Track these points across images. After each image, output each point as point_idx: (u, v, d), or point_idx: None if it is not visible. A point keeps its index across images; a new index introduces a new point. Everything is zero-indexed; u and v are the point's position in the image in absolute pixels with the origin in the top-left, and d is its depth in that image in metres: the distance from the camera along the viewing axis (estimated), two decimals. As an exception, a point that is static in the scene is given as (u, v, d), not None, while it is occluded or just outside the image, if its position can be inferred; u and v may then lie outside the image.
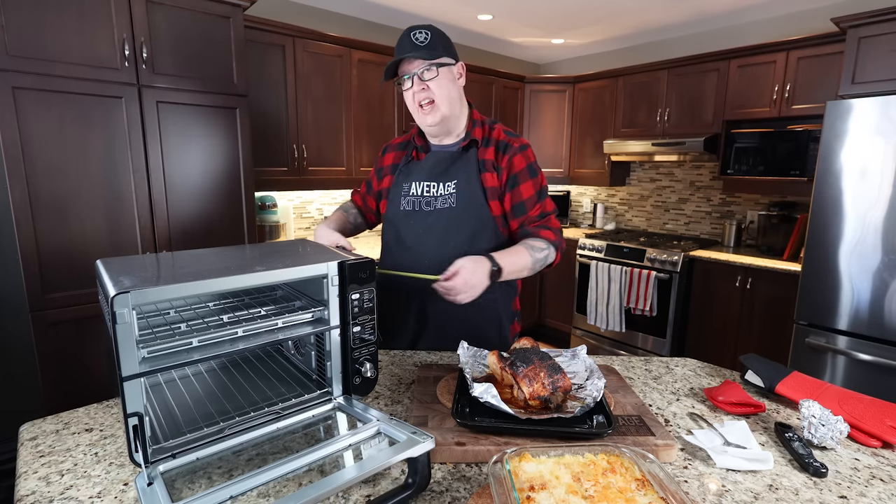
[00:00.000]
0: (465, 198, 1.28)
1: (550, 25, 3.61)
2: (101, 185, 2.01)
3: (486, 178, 1.29)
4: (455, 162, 1.31)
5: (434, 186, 1.31)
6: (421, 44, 1.21)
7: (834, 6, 3.03)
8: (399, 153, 1.43)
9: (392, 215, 1.37)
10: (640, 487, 0.67)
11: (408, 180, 1.34)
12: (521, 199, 1.30)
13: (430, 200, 1.31)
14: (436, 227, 1.30)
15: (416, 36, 1.22)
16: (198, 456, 0.76)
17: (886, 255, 2.18)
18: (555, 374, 0.90)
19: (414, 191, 1.32)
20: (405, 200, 1.34)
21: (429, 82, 1.23)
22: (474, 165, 1.30)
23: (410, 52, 1.20)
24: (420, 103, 1.25)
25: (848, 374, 2.32)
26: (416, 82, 1.23)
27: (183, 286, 0.73)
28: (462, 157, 1.31)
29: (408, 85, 1.25)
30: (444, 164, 1.32)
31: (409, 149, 1.40)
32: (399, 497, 0.72)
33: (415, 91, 1.25)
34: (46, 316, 1.94)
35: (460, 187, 1.29)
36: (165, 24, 2.09)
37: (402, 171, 1.37)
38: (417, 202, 1.32)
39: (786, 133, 2.93)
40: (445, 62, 1.24)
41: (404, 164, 1.38)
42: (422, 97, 1.25)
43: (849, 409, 0.98)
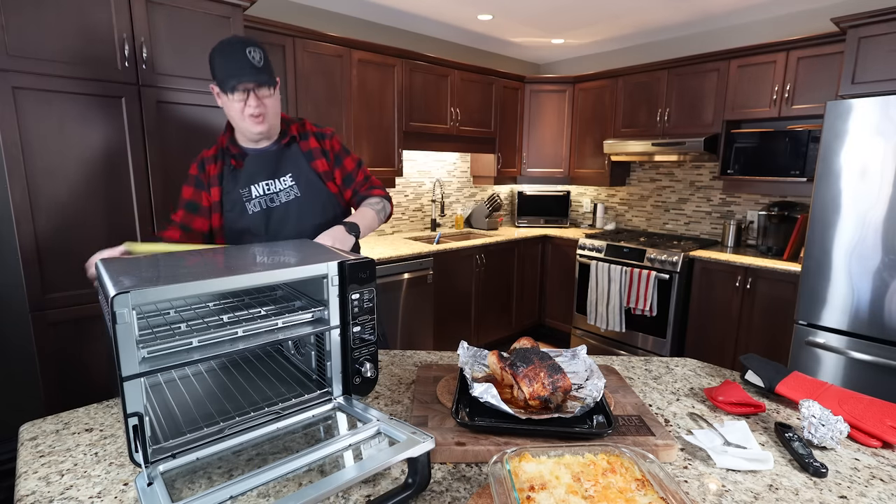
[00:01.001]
0: (306, 185, 1.43)
1: (550, 25, 3.61)
2: (101, 185, 2.01)
3: (316, 165, 1.47)
4: (281, 158, 1.43)
5: (272, 183, 1.41)
6: (258, 64, 1.29)
7: (834, 6, 3.03)
8: (218, 164, 1.43)
9: (238, 222, 1.41)
10: (640, 487, 0.67)
11: (243, 185, 1.40)
12: (347, 171, 1.51)
13: (273, 196, 1.41)
14: (289, 216, 1.41)
15: (252, 55, 1.28)
16: (198, 456, 0.76)
17: (886, 255, 2.18)
18: (555, 374, 0.90)
19: (255, 192, 1.40)
20: (251, 204, 1.40)
21: (266, 98, 1.33)
22: (301, 157, 1.45)
23: (252, 75, 1.27)
24: (252, 115, 1.32)
25: (848, 374, 2.32)
26: (252, 97, 1.31)
27: (183, 286, 0.73)
28: (286, 153, 1.44)
29: (241, 97, 1.30)
30: (271, 163, 1.42)
31: (224, 158, 1.42)
32: (399, 497, 0.72)
33: (249, 104, 1.31)
34: (46, 316, 1.94)
35: (297, 178, 1.43)
36: (165, 24, 2.09)
37: (228, 179, 1.41)
38: (263, 201, 1.41)
39: (786, 133, 2.93)
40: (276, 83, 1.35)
41: (228, 172, 1.41)
42: (256, 111, 1.32)
43: (849, 409, 0.98)
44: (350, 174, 1.51)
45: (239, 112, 1.32)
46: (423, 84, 3.48)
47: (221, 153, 1.43)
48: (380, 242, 3.52)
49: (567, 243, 3.93)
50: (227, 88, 1.29)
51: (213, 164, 1.43)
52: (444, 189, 4.24)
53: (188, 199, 1.43)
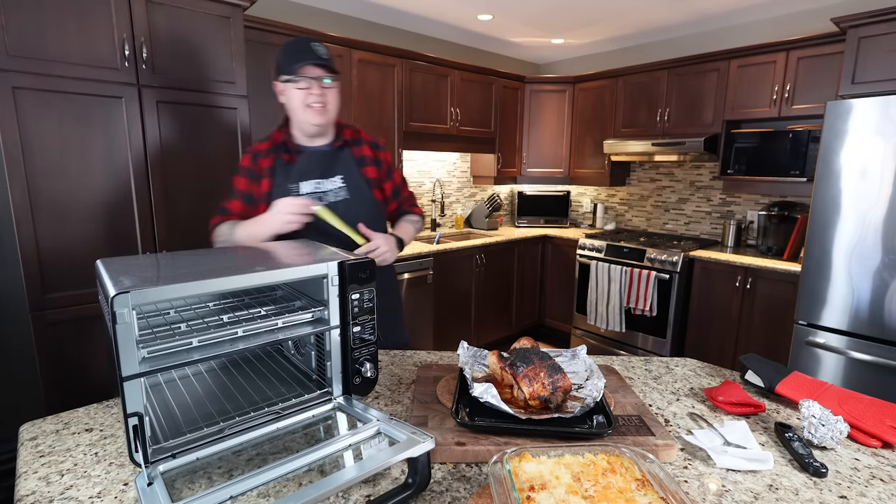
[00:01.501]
0: (355, 188, 1.46)
1: (550, 25, 3.61)
2: (101, 185, 2.01)
3: (367, 171, 1.51)
4: (333, 159, 1.46)
5: (322, 182, 1.44)
6: (324, 55, 1.34)
7: (834, 6, 3.03)
8: (270, 157, 1.45)
9: None
10: (640, 487, 0.67)
11: (292, 181, 1.42)
12: (397, 184, 1.60)
13: (321, 195, 1.43)
14: None
15: (317, 48, 1.34)
16: (198, 456, 0.76)
17: (886, 255, 2.18)
18: (555, 374, 0.90)
19: (304, 189, 1.42)
20: None
21: (327, 90, 1.37)
22: (352, 161, 1.49)
23: (317, 59, 1.32)
24: (312, 104, 1.36)
25: (848, 374, 2.32)
26: (315, 87, 1.35)
27: (183, 286, 0.73)
28: (339, 155, 1.47)
29: (304, 85, 1.34)
30: (323, 162, 1.45)
31: (279, 152, 1.44)
32: (399, 497, 0.72)
33: (312, 93, 1.35)
34: (46, 316, 1.94)
35: (347, 180, 1.46)
36: (165, 24, 2.09)
37: (280, 173, 1.43)
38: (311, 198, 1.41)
39: (786, 133, 2.93)
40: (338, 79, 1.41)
41: (280, 166, 1.43)
42: (317, 100, 1.36)
43: (849, 409, 0.98)
44: (398, 188, 1.60)
45: (301, 101, 1.35)
46: (423, 84, 3.48)
47: (275, 147, 1.45)
48: (380, 242, 3.51)
49: (567, 243, 3.93)
50: (293, 71, 1.32)
51: (265, 157, 1.44)
52: (444, 189, 4.24)
53: (244, 190, 1.45)
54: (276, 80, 1.40)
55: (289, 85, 1.36)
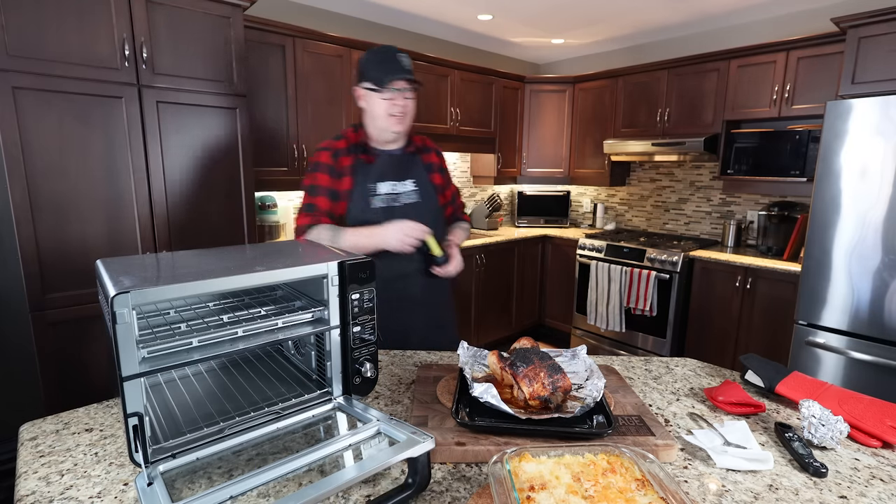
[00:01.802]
0: (425, 193, 1.55)
1: (550, 25, 3.61)
2: (101, 185, 2.01)
3: (434, 178, 1.61)
4: (406, 164, 1.54)
5: (397, 185, 1.51)
6: (407, 67, 1.42)
7: (834, 6, 3.03)
8: (349, 157, 1.50)
9: (363, 213, 1.47)
10: (640, 487, 0.67)
11: (372, 180, 1.48)
12: (454, 191, 1.72)
13: (395, 196, 1.50)
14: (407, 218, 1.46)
15: (402, 60, 1.42)
16: (198, 456, 0.76)
17: (886, 255, 2.18)
18: (555, 374, 0.90)
19: (382, 189, 1.49)
20: (377, 199, 1.48)
21: (408, 100, 1.46)
22: (423, 167, 1.58)
23: (405, 74, 1.41)
24: (395, 113, 1.45)
25: (848, 374, 2.32)
26: (400, 97, 1.44)
27: (183, 286, 0.73)
28: (411, 160, 1.56)
29: (389, 96, 1.43)
30: (398, 166, 1.53)
31: (356, 152, 1.50)
32: (399, 497, 0.72)
33: (396, 102, 1.44)
34: (46, 316, 1.94)
35: (419, 184, 1.54)
36: (165, 24, 2.09)
37: (359, 172, 1.48)
38: (387, 199, 1.49)
39: (786, 133, 2.93)
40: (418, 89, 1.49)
41: (359, 165, 1.49)
42: (400, 110, 1.45)
43: (849, 409, 0.98)
44: (455, 194, 1.72)
45: (384, 110, 1.44)
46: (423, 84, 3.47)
47: (354, 147, 1.50)
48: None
49: (567, 243, 3.93)
50: (384, 85, 1.41)
51: (345, 155, 1.49)
52: (444, 189, 4.23)
53: (329, 186, 1.47)
54: (358, 85, 1.47)
55: (373, 94, 1.43)
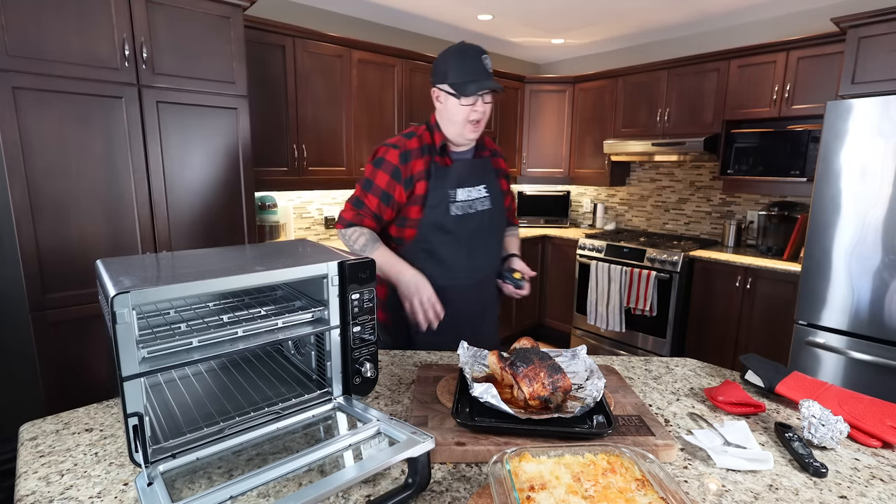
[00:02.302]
0: (495, 199, 1.50)
1: (550, 25, 3.61)
2: (101, 185, 2.01)
3: (501, 183, 1.56)
4: (479, 168, 1.48)
5: (472, 191, 1.45)
6: (489, 70, 1.36)
7: (834, 6, 3.03)
8: (422, 159, 1.41)
9: (440, 221, 1.40)
10: (640, 487, 0.67)
11: (450, 185, 1.41)
12: (511, 195, 1.64)
13: (472, 203, 1.44)
14: (481, 227, 1.46)
15: (486, 62, 1.35)
16: (198, 456, 0.76)
17: (886, 255, 2.18)
18: (555, 374, 0.90)
19: (460, 196, 1.42)
20: (455, 206, 1.41)
21: (487, 106, 1.39)
22: (493, 172, 1.52)
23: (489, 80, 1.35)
24: (474, 120, 1.37)
25: (848, 374, 2.32)
26: (480, 103, 1.36)
27: (183, 286, 0.73)
28: (483, 165, 1.50)
29: (470, 102, 1.35)
30: (472, 171, 1.46)
31: (432, 154, 1.42)
32: (399, 497, 0.72)
33: (475, 109, 1.36)
34: (46, 316, 1.94)
35: (490, 190, 1.49)
36: (165, 24, 2.09)
37: (437, 176, 1.41)
38: (464, 206, 1.43)
39: (786, 133, 2.92)
40: None
41: (436, 169, 1.41)
42: (478, 117, 1.38)
43: (849, 409, 0.98)
44: (511, 198, 1.66)
45: (463, 116, 1.36)
46: (423, 84, 3.47)
47: (427, 149, 1.42)
48: (380, 242, 3.51)
49: (567, 243, 3.93)
50: (467, 92, 1.33)
51: (418, 158, 1.40)
52: (444, 189, 4.24)
53: (384, 188, 1.40)
54: (436, 85, 1.39)
55: (452, 97, 1.36)
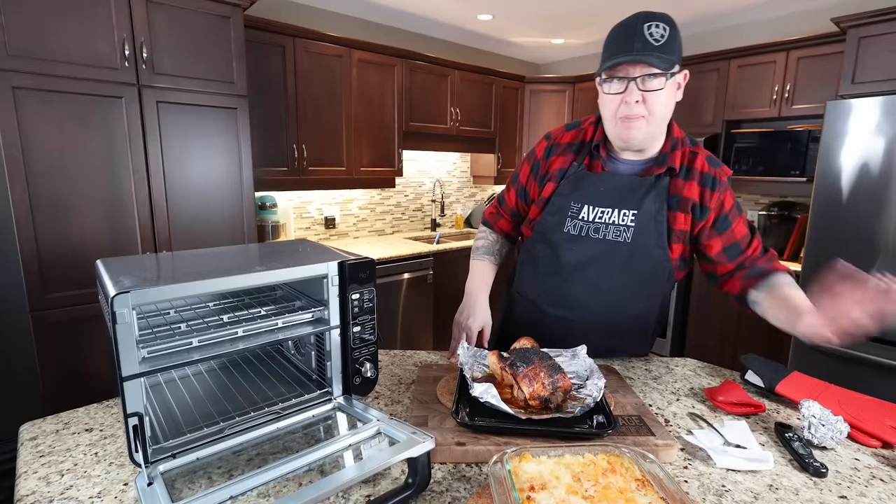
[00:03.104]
0: (645, 234, 1.08)
1: (550, 25, 3.61)
2: (101, 185, 2.01)
3: (676, 218, 1.09)
4: (641, 188, 1.09)
5: (609, 213, 1.10)
6: (657, 42, 0.96)
7: (834, 6, 3.03)
8: (568, 156, 1.16)
9: (550, 233, 1.17)
10: (640, 487, 0.67)
11: (579, 199, 1.12)
12: (734, 240, 1.11)
13: (599, 227, 1.11)
14: (601, 258, 1.13)
15: (651, 31, 0.96)
16: (198, 456, 0.76)
17: (886, 255, 2.18)
18: (555, 374, 0.90)
19: (585, 215, 1.12)
20: (572, 223, 1.13)
21: (648, 94, 0.99)
22: (664, 199, 1.09)
23: (642, 53, 0.95)
24: (625, 115, 1.02)
25: (848, 374, 2.32)
26: (632, 90, 0.99)
27: (183, 286, 0.73)
28: (650, 185, 1.09)
29: (616, 88, 1.01)
30: (626, 188, 1.10)
31: (581, 153, 1.14)
32: (399, 497, 0.72)
33: (626, 100, 1.00)
34: (46, 316, 1.94)
35: (642, 221, 1.09)
36: (165, 24, 2.09)
37: (570, 181, 1.14)
38: (586, 227, 1.12)
39: (786, 133, 2.93)
40: (677, 70, 1.01)
41: (575, 173, 1.14)
42: (632, 111, 1.01)
43: (849, 409, 0.98)
44: (737, 244, 1.10)
45: (610, 110, 1.03)
46: (422, 84, 3.48)
47: (581, 146, 1.15)
48: (380, 242, 3.52)
49: (567, 243, 3.93)
50: (601, 71, 1.01)
51: (563, 154, 1.16)
52: (444, 189, 4.24)
53: (523, 182, 1.23)
54: None
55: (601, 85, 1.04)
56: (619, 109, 1.02)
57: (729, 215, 1.10)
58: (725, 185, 1.10)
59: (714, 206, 1.09)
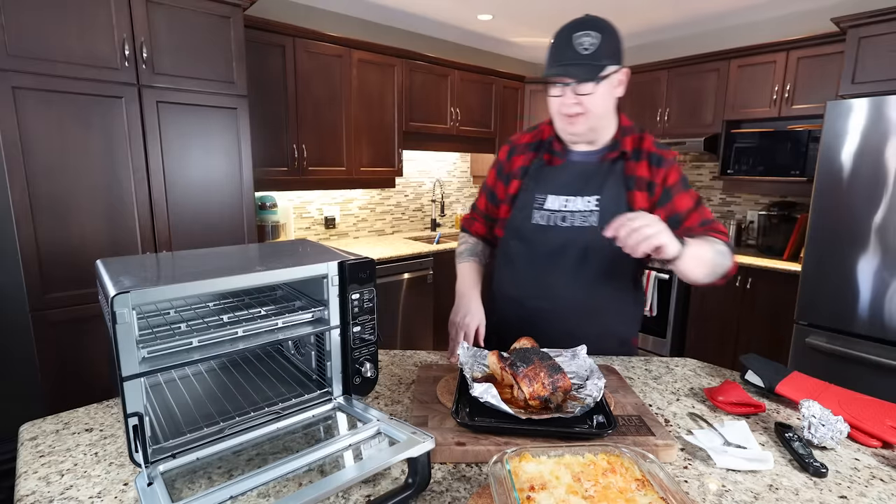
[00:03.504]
0: (609, 216, 1.10)
1: (550, 25, 3.61)
2: (101, 185, 2.01)
3: (634, 198, 1.18)
4: (598, 174, 1.19)
5: (573, 200, 1.19)
6: (586, 52, 1.07)
7: (834, 6, 3.03)
8: (528, 155, 1.27)
9: (520, 227, 1.25)
10: (640, 487, 0.67)
11: (542, 190, 1.22)
12: (676, 211, 1.17)
13: (566, 216, 1.19)
14: (571, 245, 1.20)
15: (580, 41, 1.07)
16: (198, 456, 0.76)
17: (886, 255, 2.18)
18: (555, 374, 0.90)
19: (550, 204, 1.20)
20: (539, 214, 1.21)
21: (583, 96, 1.11)
22: (621, 181, 1.18)
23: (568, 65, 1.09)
24: (567, 113, 1.14)
25: (848, 374, 2.32)
26: (569, 94, 1.11)
27: (183, 286, 0.73)
28: (607, 170, 1.19)
29: (556, 92, 1.14)
30: (585, 176, 1.20)
31: (540, 151, 1.25)
32: (399, 497, 0.72)
33: (564, 102, 1.13)
34: (46, 316, 1.94)
35: (605, 205, 1.17)
36: (165, 24, 2.09)
37: (532, 176, 1.24)
38: (552, 217, 1.20)
39: (786, 133, 2.93)
40: (607, 73, 1.10)
41: (536, 168, 1.24)
42: (571, 110, 1.13)
43: (849, 409, 0.98)
44: (678, 215, 1.17)
45: (555, 109, 1.16)
46: (423, 84, 3.48)
47: (539, 145, 1.26)
48: (380, 242, 3.52)
49: (567, 243, 3.93)
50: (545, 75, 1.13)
51: (522, 153, 1.27)
52: (444, 189, 4.24)
53: (490, 185, 1.32)
54: None
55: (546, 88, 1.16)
56: (560, 108, 1.15)
57: (672, 189, 1.18)
58: (671, 163, 1.20)
59: (659, 181, 1.18)
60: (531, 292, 1.26)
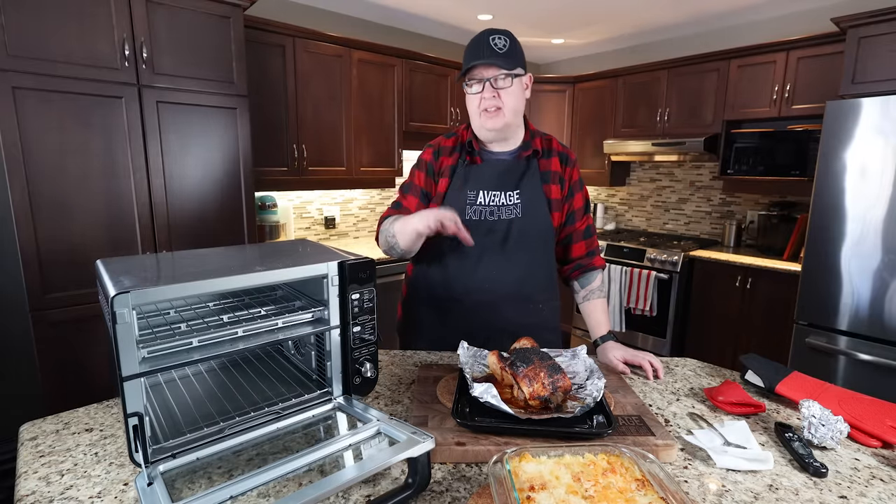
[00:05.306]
0: (531, 208, 1.30)
1: (550, 25, 3.61)
2: (101, 184, 2.01)
3: (549, 190, 1.33)
4: (517, 171, 1.32)
5: (498, 195, 1.30)
6: (500, 50, 1.20)
7: (834, 6, 3.03)
8: (454, 156, 1.35)
9: None
10: (640, 487, 0.67)
11: (472, 187, 1.30)
12: (574, 208, 1.37)
13: (494, 209, 1.29)
14: (500, 236, 1.30)
15: (495, 42, 1.21)
16: (198, 456, 0.76)
17: (886, 255, 2.18)
18: (555, 374, 0.90)
19: (481, 199, 1.30)
20: (471, 209, 1.30)
21: (501, 90, 1.23)
22: (537, 176, 1.32)
23: (489, 58, 1.20)
24: (486, 108, 1.25)
25: (848, 374, 2.32)
26: (488, 88, 1.23)
27: (183, 286, 0.73)
28: (524, 167, 1.32)
29: (476, 89, 1.24)
30: (506, 173, 1.31)
31: (462, 152, 1.35)
32: (399, 497, 0.72)
33: (484, 97, 1.24)
34: (46, 316, 1.94)
35: (525, 197, 1.30)
36: (165, 24, 2.09)
37: (460, 176, 1.32)
38: (482, 211, 1.29)
39: (786, 133, 2.93)
40: (519, 73, 1.24)
41: (462, 167, 1.33)
42: (490, 104, 1.24)
43: (849, 409, 0.98)
44: (574, 213, 1.38)
45: (475, 107, 1.26)
46: (423, 84, 3.48)
47: (460, 147, 1.35)
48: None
49: (567, 243, 3.93)
50: (463, 74, 1.24)
51: (449, 155, 1.35)
52: (444, 189, 4.23)
53: (422, 186, 1.36)
54: None
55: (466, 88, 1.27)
56: (480, 104, 1.25)
57: (574, 186, 1.38)
58: (574, 162, 1.39)
59: (567, 177, 1.37)
60: (468, 286, 1.32)
